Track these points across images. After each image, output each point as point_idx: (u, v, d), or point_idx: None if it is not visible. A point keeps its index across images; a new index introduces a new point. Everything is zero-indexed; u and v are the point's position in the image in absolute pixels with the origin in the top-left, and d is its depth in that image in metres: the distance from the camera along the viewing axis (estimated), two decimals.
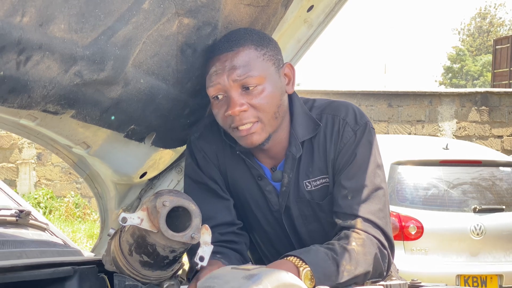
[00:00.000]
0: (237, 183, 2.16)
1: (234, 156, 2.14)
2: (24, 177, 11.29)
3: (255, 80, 1.97)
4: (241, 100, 1.96)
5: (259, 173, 2.11)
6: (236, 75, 1.96)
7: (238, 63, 1.97)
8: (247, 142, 2.01)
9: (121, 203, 2.60)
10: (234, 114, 1.96)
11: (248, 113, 1.97)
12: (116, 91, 1.94)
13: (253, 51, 1.99)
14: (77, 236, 9.50)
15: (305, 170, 2.08)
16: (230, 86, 1.96)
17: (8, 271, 1.64)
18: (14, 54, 1.57)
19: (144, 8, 1.81)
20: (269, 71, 2.00)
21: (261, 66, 1.99)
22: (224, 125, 2.03)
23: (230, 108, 1.96)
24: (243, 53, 1.98)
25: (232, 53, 1.98)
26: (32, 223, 2.35)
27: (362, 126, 2.06)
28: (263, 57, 2.00)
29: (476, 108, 12.22)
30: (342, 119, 2.07)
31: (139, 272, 1.70)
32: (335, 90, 11.82)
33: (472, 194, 6.16)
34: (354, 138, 2.05)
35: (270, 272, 1.43)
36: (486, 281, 5.79)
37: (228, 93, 1.97)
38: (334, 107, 2.11)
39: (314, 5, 2.35)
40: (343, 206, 2.02)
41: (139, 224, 1.59)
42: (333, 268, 1.87)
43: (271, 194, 2.12)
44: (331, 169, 2.07)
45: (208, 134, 2.16)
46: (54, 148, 2.33)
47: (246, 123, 1.97)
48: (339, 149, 2.05)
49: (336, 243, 1.94)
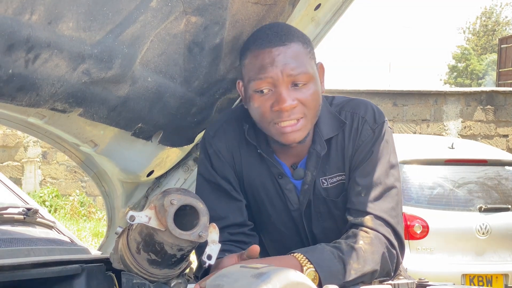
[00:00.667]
0: (253, 182, 2.14)
1: (251, 155, 2.12)
2: (29, 175, 11.31)
3: (307, 77, 1.95)
4: (292, 96, 1.94)
5: (280, 171, 2.10)
6: (290, 70, 1.93)
7: (291, 58, 1.94)
8: (289, 139, 1.97)
9: (128, 201, 2.61)
10: (285, 109, 1.93)
11: (297, 109, 1.95)
12: (124, 89, 1.94)
13: (302, 47, 1.97)
14: (82, 234, 9.51)
15: (322, 167, 2.08)
16: (283, 81, 1.93)
17: (16, 269, 1.64)
18: (22, 52, 1.57)
19: (152, 7, 1.81)
20: (314, 69, 2.00)
21: (309, 63, 1.98)
22: (264, 121, 1.99)
23: (280, 103, 1.93)
24: (295, 49, 1.95)
25: (284, 48, 1.95)
26: (39, 221, 2.35)
27: (380, 125, 2.06)
28: (309, 54, 1.99)
29: (481, 107, 12.20)
30: (361, 117, 2.07)
31: (146, 270, 1.70)
32: (340, 89, 11.79)
33: (477, 194, 6.15)
34: (372, 136, 2.05)
35: (279, 270, 1.43)
36: (491, 280, 5.78)
37: (278, 87, 1.94)
38: (353, 104, 2.10)
39: (321, 3, 2.35)
40: (355, 203, 2.02)
41: (147, 222, 1.59)
42: (339, 267, 1.86)
43: (291, 193, 2.11)
44: (348, 166, 2.07)
45: (224, 133, 2.14)
46: (62, 146, 2.33)
47: (293, 119, 1.95)
48: (357, 147, 2.05)
49: (343, 241, 1.94)
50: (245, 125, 2.09)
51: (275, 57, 1.93)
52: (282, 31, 1.98)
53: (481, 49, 41.30)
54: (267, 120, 1.98)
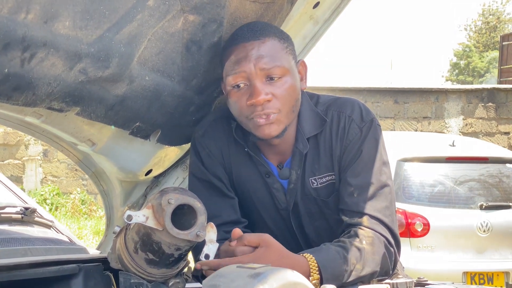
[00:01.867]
0: (242, 181, 2.14)
1: (239, 154, 2.13)
2: (30, 173, 11.32)
3: (281, 71, 1.96)
4: (266, 90, 1.95)
5: (267, 170, 2.10)
6: (263, 64, 1.94)
7: (265, 52, 1.95)
8: (265, 133, 1.98)
9: (126, 200, 2.60)
10: (259, 103, 1.93)
11: (271, 103, 1.95)
12: (121, 88, 1.94)
13: (277, 42, 1.98)
14: (83, 232, 9.52)
15: (311, 167, 2.07)
16: (256, 75, 1.94)
17: (13, 269, 1.63)
18: (18, 51, 1.56)
19: (149, 5, 1.81)
20: (291, 64, 2.00)
21: (285, 58, 1.98)
22: (241, 115, 2.00)
23: (254, 97, 1.94)
24: (269, 43, 1.97)
25: (258, 42, 1.96)
26: (37, 220, 2.34)
27: (368, 123, 2.05)
28: (286, 50, 2.00)
29: (482, 105, 12.19)
30: (348, 116, 2.06)
31: (144, 270, 1.70)
32: (340, 87, 11.79)
33: (478, 191, 6.14)
34: (360, 135, 2.04)
35: (275, 270, 1.43)
36: (492, 278, 5.78)
37: (252, 81, 1.95)
38: (340, 103, 2.09)
39: (320, 1, 2.34)
40: (349, 204, 2.01)
41: (145, 222, 1.58)
42: (342, 268, 1.86)
43: (278, 192, 2.11)
44: (337, 166, 2.06)
45: (213, 132, 2.14)
46: (59, 145, 2.33)
47: (268, 113, 1.95)
48: (345, 146, 2.04)
49: (348, 241, 1.93)
50: (233, 122, 2.09)
51: (248, 52, 1.95)
52: (258, 27, 2.00)
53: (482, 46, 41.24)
54: (244, 114, 1.99)
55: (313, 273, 1.83)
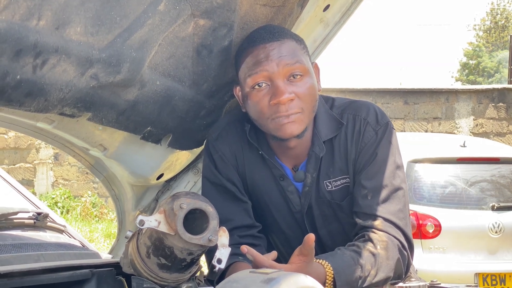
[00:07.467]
0: (256, 184, 2.14)
1: (253, 157, 2.12)
2: (41, 177, 11.35)
3: (303, 69, 1.97)
4: (289, 89, 1.95)
5: (281, 173, 2.09)
6: (286, 62, 1.94)
7: (286, 51, 1.96)
8: (287, 132, 1.97)
9: (138, 204, 2.61)
10: (283, 102, 1.93)
11: (294, 102, 1.95)
12: (133, 93, 1.94)
13: (295, 43, 2.00)
14: (95, 235, 9.54)
15: (325, 170, 2.07)
16: (279, 74, 1.94)
17: (26, 275, 1.64)
18: (30, 57, 1.57)
19: (160, 10, 1.81)
20: (309, 64, 2.02)
21: (304, 58, 2.00)
22: (262, 116, 1.99)
23: (277, 96, 1.93)
24: (288, 44, 1.98)
25: (278, 42, 1.97)
26: (50, 225, 2.35)
27: (383, 126, 2.05)
28: (303, 51, 2.01)
29: (493, 105, 12.13)
30: (363, 119, 2.06)
31: (157, 274, 1.70)
32: (350, 88, 11.77)
33: (490, 192, 6.11)
34: (375, 138, 2.04)
35: (289, 275, 1.42)
36: (505, 279, 5.75)
37: (275, 81, 1.95)
38: (355, 106, 2.09)
39: (330, 4, 2.34)
40: (363, 206, 2.01)
41: (157, 226, 1.59)
42: (357, 274, 1.87)
43: (293, 195, 2.10)
44: (351, 169, 2.06)
45: (226, 135, 2.14)
46: (71, 150, 2.34)
47: (291, 113, 1.95)
48: (360, 149, 2.04)
49: (362, 245, 1.93)
50: (247, 125, 2.09)
51: (269, 52, 1.96)
52: (275, 29, 2.02)
53: (492, 46, 41.08)
54: (265, 115, 1.98)
55: (328, 279, 1.83)
